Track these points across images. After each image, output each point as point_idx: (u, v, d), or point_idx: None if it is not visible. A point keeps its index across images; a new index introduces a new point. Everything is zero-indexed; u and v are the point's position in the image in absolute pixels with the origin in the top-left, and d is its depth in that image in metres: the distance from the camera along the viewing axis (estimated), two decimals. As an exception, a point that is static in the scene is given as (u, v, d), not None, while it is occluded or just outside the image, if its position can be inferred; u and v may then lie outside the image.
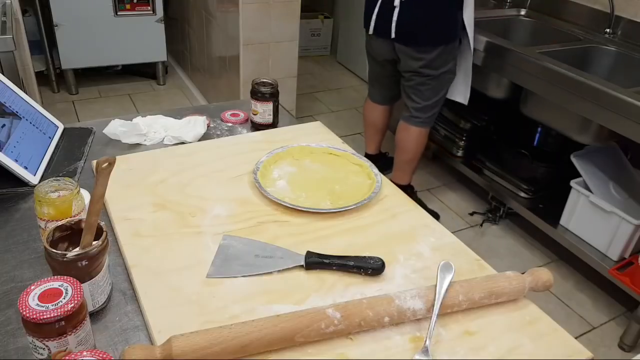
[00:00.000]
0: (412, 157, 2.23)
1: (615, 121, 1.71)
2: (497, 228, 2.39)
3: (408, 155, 2.22)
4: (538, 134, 2.42)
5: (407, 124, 2.17)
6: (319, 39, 4.23)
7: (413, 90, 2.10)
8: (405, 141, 2.20)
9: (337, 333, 0.70)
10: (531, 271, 0.82)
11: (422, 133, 2.18)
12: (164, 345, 0.64)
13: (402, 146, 2.22)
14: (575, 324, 1.92)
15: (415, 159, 2.24)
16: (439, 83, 2.08)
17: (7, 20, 1.89)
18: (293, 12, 2.59)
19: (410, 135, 2.18)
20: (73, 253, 0.68)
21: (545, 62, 1.91)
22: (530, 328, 0.76)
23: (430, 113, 2.15)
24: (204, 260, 0.83)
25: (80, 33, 3.07)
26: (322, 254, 0.84)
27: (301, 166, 1.10)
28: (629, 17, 2.16)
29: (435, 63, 2.01)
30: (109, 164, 0.70)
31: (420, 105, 2.12)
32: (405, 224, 0.96)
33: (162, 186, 1.01)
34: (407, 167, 2.27)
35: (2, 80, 1.10)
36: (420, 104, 2.11)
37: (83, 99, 3.28)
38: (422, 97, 2.10)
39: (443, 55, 2.00)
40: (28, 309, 0.60)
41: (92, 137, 1.20)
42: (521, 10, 2.57)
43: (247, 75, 2.63)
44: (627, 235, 1.84)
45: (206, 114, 1.31)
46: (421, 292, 0.75)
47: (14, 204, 0.96)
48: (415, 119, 2.15)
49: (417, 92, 2.10)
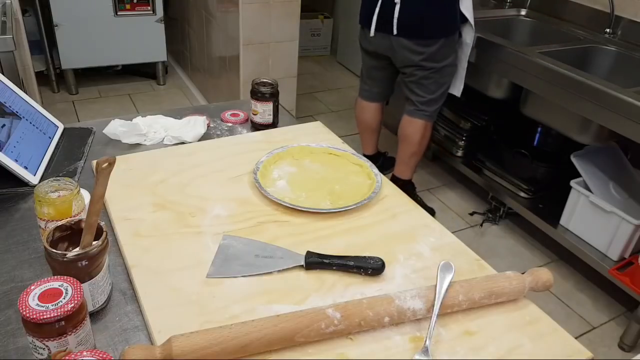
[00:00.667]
0: (416, 150, 2.24)
1: (615, 121, 1.71)
2: (497, 228, 2.39)
3: (413, 148, 2.23)
4: (538, 134, 2.43)
5: (413, 117, 2.18)
6: (319, 39, 4.23)
7: (416, 85, 2.11)
8: (411, 134, 2.20)
9: (337, 333, 0.70)
10: (531, 271, 0.82)
11: (428, 126, 2.19)
12: (164, 345, 0.64)
13: (408, 140, 2.23)
14: (575, 324, 1.92)
15: (420, 152, 2.25)
16: (441, 76, 2.09)
17: (7, 20, 1.89)
18: (293, 12, 2.59)
19: (416, 127, 2.18)
20: (73, 253, 0.68)
21: (545, 62, 1.91)
22: (530, 328, 0.76)
23: (436, 106, 2.17)
24: (204, 260, 0.83)
25: (80, 33, 3.07)
26: (322, 254, 0.84)
27: (301, 166, 1.10)
28: (629, 17, 2.16)
29: (437, 56, 2.02)
30: (109, 164, 0.70)
31: (425, 99, 2.13)
32: (405, 224, 0.96)
33: (162, 186, 1.01)
34: (411, 160, 2.28)
35: (2, 80, 1.10)
36: (425, 97, 2.13)
37: (83, 99, 3.28)
38: (426, 91, 2.11)
39: (444, 48, 2.01)
40: (28, 309, 0.60)
41: (92, 137, 1.20)
42: (521, 10, 2.57)
43: (247, 75, 2.63)
44: (627, 235, 1.84)
45: (206, 114, 1.31)
46: (421, 292, 0.75)
47: (14, 204, 0.96)
48: (421, 112, 2.16)
49: (420, 86, 2.11)
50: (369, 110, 2.38)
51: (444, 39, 2.00)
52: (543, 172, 2.27)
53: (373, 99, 2.36)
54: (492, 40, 2.11)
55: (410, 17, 1.96)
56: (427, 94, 2.12)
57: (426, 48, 2.00)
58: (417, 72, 2.07)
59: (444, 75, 2.10)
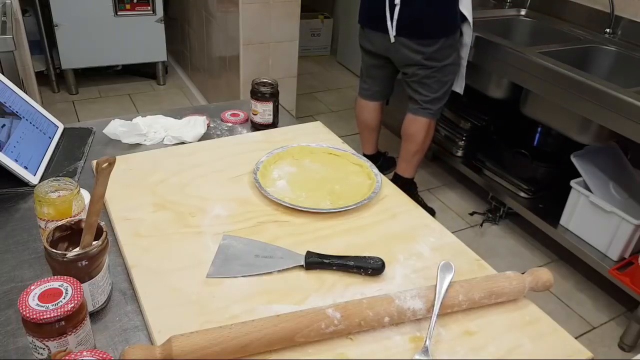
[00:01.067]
0: (420, 149, 2.24)
1: (615, 121, 1.71)
2: (497, 228, 2.39)
3: (416, 147, 2.23)
4: (538, 134, 2.43)
5: (417, 115, 2.18)
6: (319, 39, 4.23)
7: (419, 84, 2.11)
8: (415, 132, 2.21)
9: (337, 333, 0.70)
10: (531, 271, 0.81)
11: (432, 124, 2.19)
12: (164, 345, 0.64)
13: (412, 138, 2.23)
14: (575, 324, 1.92)
15: (423, 150, 2.26)
16: (444, 75, 2.09)
17: (7, 20, 1.89)
18: (293, 12, 2.59)
19: (420, 126, 2.18)
20: (73, 253, 0.68)
21: (545, 62, 1.90)
22: (530, 328, 0.76)
23: (439, 105, 2.17)
24: (204, 260, 0.83)
25: (80, 33, 3.07)
26: (322, 254, 0.84)
27: (301, 166, 1.10)
28: (629, 17, 2.16)
29: (438, 55, 2.02)
30: (109, 164, 0.70)
31: (429, 98, 2.13)
32: (405, 224, 0.96)
33: (162, 186, 1.01)
34: (414, 158, 2.28)
35: (2, 80, 1.10)
36: (429, 96, 2.13)
37: (83, 99, 3.28)
38: (429, 90, 2.12)
39: (444, 47, 2.02)
40: (28, 309, 0.60)
41: (92, 137, 1.20)
42: (521, 10, 2.57)
43: (247, 75, 2.63)
44: (627, 235, 1.84)
45: (206, 114, 1.31)
46: (421, 292, 0.75)
47: (14, 204, 0.96)
48: (425, 111, 2.16)
49: (423, 85, 2.11)
50: (368, 110, 2.38)
51: (444, 39, 2.00)
52: (543, 172, 2.27)
53: (373, 98, 2.36)
54: (492, 40, 2.11)
55: (410, 17, 1.96)
56: (431, 93, 2.12)
57: (427, 48, 2.00)
58: (419, 72, 2.07)
59: (447, 73, 2.10)
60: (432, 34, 1.99)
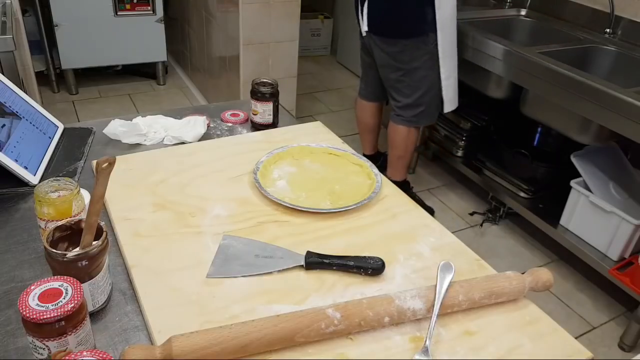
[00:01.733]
0: (401, 154, 2.26)
1: (615, 121, 1.71)
2: (497, 228, 2.39)
3: (399, 152, 2.26)
4: (538, 134, 2.43)
5: (394, 122, 2.22)
6: (319, 39, 4.23)
7: (393, 89, 2.14)
8: (393, 139, 2.25)
9: (337, 333, 0.70)
10: (531, 271, 0.82)
11: (410, 132, 2.20)
12: (164, 345, 0.64)
13: (391, 143, 2.27)
14: (575, 324, 1.92)
15: (405, 156, 2.28)
16: (412, 80, 2.08)
17: (7, 20, 1.89)
18: (293, 12, 2.59)
19: (398, 133, 2.22)
20: (73, 253, 0.68)
21: (545, 62, 1.90)
22: (530, 328, 0.76)
23: (414, 112, 2.15)
24: (204, 260, 0.83)
25: (80, 33, 3.07)
26: (322, 254, 0.84)
27: (301, 166, 1.10)
28: (629, 17, 2.16)
29: (404, 57, 2.03)
30: (109, 164, 0.70)
31: (401, 104, 2.15)
32: (405, 224, 0.96)
33: (162, 186, 1.01)
34: (397, 163, 2.31)
35: (2, 80, 1.10)
36: (401, 102, 2.14)
37: (83, 99, 3.28)
38: (401, 95, 2.13)
39: (408, 50, 2.02)
40: (28, 309, 0.60)
41: (92, 137, 1.20)
42: (521, 10, 2.57)
43: (247, 75, 2.63)
44: (627, 235, 1.84)
45: (206, 114, 1.31)
46: (421, 292, 0.75)
47: (14, 204, 0.96)
48: (398, 117, 2.19)
49: (396, 90, 2.13)
50: (367, 110, 2.39)
51: (405, 40, 2.00)
52: (543, 172, 2.27)
53: (369, 98, 2.37)
54: (492, 40, 2.11)
55: (376, 15, 2.00)
56: (403, 98, 2.13)
57: (390, 47, 2.03)
58: (391, 75, 2.10)
59: (416, 79, 2.08)
60: (393, 33, 2.00)
